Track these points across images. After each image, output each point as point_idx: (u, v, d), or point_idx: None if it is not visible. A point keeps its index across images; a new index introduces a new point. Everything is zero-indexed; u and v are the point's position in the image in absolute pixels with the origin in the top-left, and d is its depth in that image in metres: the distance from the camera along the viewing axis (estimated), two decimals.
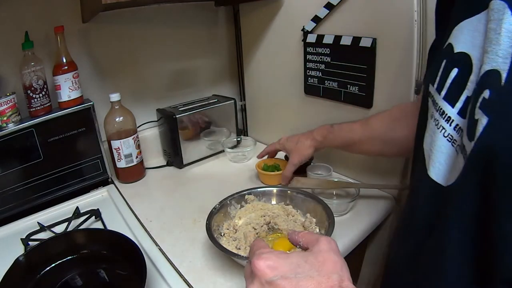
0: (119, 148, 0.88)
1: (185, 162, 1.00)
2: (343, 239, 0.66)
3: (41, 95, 0.76)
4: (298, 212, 0.71)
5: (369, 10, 0.71)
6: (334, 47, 0.79)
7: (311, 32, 0.83)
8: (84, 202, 0.85)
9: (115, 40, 0.93)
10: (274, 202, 0.74)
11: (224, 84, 1.20)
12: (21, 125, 0.74)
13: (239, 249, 0.61)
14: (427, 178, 0.36)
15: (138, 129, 0.96)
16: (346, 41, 0.76)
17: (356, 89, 0.78)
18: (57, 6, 0.81)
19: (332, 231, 0.59)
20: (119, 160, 0.90)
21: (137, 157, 0.92)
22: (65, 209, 0.82)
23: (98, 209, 0.80)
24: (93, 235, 0.65)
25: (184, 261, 0.63)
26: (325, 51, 0.82)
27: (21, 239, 0.70)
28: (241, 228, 0.68)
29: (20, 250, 0.68)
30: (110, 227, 0.74)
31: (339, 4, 0.75)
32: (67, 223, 0.75)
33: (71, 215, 0.77)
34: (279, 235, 0.66)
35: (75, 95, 0.81)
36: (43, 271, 0.59)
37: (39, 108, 0.77)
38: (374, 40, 0.71)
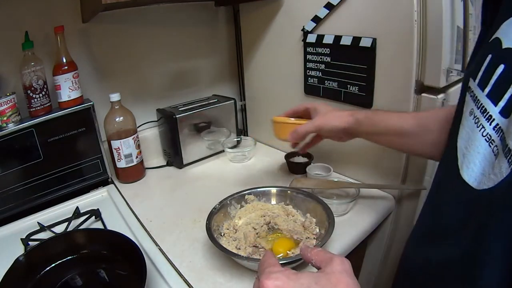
0: (119, 148, 0.88)
1: (185, 162, 1.00)
2: (343, 239, 0.66)
3: (41, 95, 0.76)
4: (298, 212, 0.71)
5: (369, 10, 0.71)
6: (334, 47, 0.79)
7: (311, 32, 0.83)
8: (84, 202, 0.85)
9: (115, 40, 0.93)
10: (274, 202, 0.74)
11: (224, 84, 1.20)
12: (21, 125, 0.74)
13: (239, 249, 0.61)
14: (458, 179, 0.34)
15: (138, 129, 0.96)
16: (346, 41, 0.76)
17: (356, 89, 0.78)
18: (57, 6, 0.81)
19: (332, 231, 0.59)
20: (119, 160, 0.90)
21: (137, 157, 0.92)
22: (65, 209, 0.82)
23: (98, 209, 0.80)
24: (93, 235, 0.65)
25: (184, 261, 0.63)
26: (325, 51, 0.82)
27: (21, 239, 0.70)
28: (241, 228, 0.68)
29: (20, 250, 0.68)
30: (110, 227, 0.74)
31: (339, 4, 0.75)
32: (67, 223, 0.75)
33: (71, 215, 0.77)
34: (279, 235, 0.66)
35: (75, 95, 0.81)
36: (43, 271, 0.59)
37: (39, 108, 0.77)
38: (374, 40, 0.71)
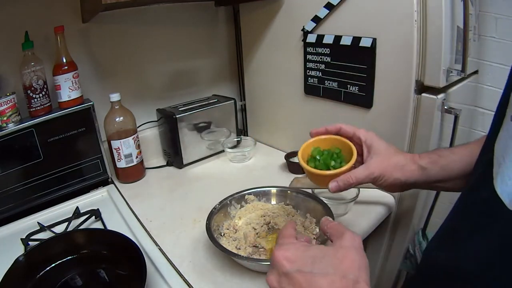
0: (119, 148, 0.88)
1: (185, 162, 1.00)
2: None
3: (41, 95, 0.76)
4: (298, 212, 0.71)
5: (369, 10, 0.71)
6: (334, 47, 0.79)
7: (311, 32, 0.83)
8: (84, 202, 0.85)
9: (115, 40, 0.93)
10: (274, 202, 0.74)
11: (224, 84, 1.20)
12: (21, 125, 0.74)
13: (239, 249, 0.61)
14: (490, 190, 0.30)
15: (138, 129, 0.96)
16: (346, 41, 0.76)
17: (356, 89, 0.78)
18: (57, 6, 0.81)
19: None
20: (119, 160, 0.90)
21: (137, 157, 0.92)
22: (65, 209, 0.82)
23: (98, 209, 0.80)
24: (93, 235, 0.65)
25: (184, 261, 0.63)
26: (325, 51, 0.82)
27: (21, 239, 0.70)
28: (241, 228, 0.68)
29: (20, 250, 0.68)
30: (110, 227, 0.74)
31: (339, 4, 0.75)
32: (67, 223, 0.75)
33: (71, 215, 0.77)
34: None
35: (75, 95, 0.81)
36: (43, 271, 0.59)
37: (39, 108, 0.77)
38: (374, 40, 0.71)
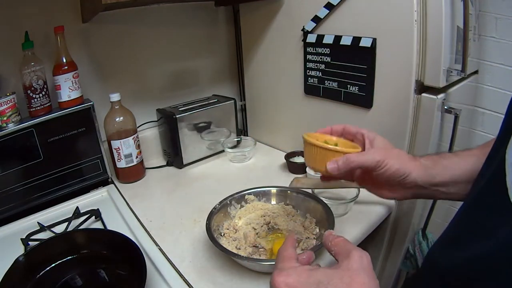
0: (119, 148, 0.88)
1: (185, 162, 1.00)
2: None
3: (41, 95, 0.76)
4: (298, 212, 0.71)
5: (369, 10, 0.71)
6: (334, 47, 0.79)
7: (311, 32, 0.83)
8: (84, 202, 0.85)
9: (115, 40, 0.93)
10: (274, 202, 0.74)
11: (224, 84, 1.20)
12: (21, 125, 0.74)
13: (239, 249, 0.62)
14: (504, 199, 0.29)
15: (138, 129, 0.95)
16: (346, 41, 0.76)
17: (356, 89, 0.78)
18: (57, 6, 0.81)
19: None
20: (119, 160, 0.90)
21: (137, 157, 0.92)
22: (65, 209, 0.82)
23: (98, 209, 0.80)
24: (93, 235, 0.65)
25: (184, 261, 0.63)
26: (325, 51, 0.82)
27: (21, 239, 0.70)
28: (241, 228, 0.68)
29: (20, 250, 0.68)
30: (110, 227, 0.74)
31: (339, 4, 0.75)
32: (67, 223, 0.75)
33: (71, 215, 0.77)
34: (279, 235, 0.66)
35: (75, 95, 0.81)
36: (43, 271, 0.59)
37: (39, 108, 0.77)
38: (374, 40, 0.71)
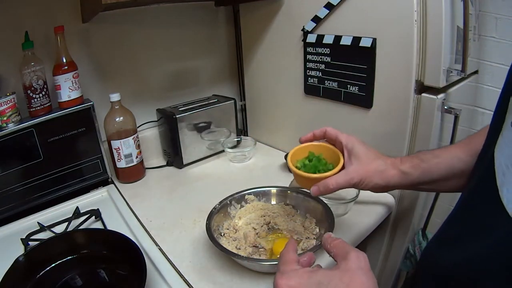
0: (119, 148, 0.88)
1: (185, 162, 1.00)
2: (343, 239, 0.66)
3: (41, 95, 0.76)
4: (298, 212, 0.71)
5: (369, 10, 0.71)
6: (334, 47, 0.79)
7: (311, 32, 0.83)
8: (84, 202, 0.85)
9: (115, 40, 0.93)
10: (274, 202, 0.74)
11: (224, 84, 1.20)
12: (21, 125, 0.74)
13: (239, 249, 0.62)
14: (496, 201, 0.29)
15: (138, 129, 0.96)
16: (346, 41, 0.76)
17: (356, 89, 0.78)
18: (57, 6, 0.81)
19: (332, 231, 0.59)
20: (119, 160, 0.90)
21: (137, 157, 0.92)
22: (65, 209, 0.82)
23: (98, 209, 0.80)
24: (93, 235, 0.65)
25: (184, 261, 0.63)
26: (325, 51, 0.82)
27: (21, 239, 0.70)
28: (241, 228, 0.68)
29: (20, 250, 0.68)
30: (110, 227, 0.74)
31: (339, 4, 0.75)
32: (67, 223, 0.75)
33: (71, 215, 0.77)
34: (279, 235, 0.66)
35: (75, 95, 0.81)
36: (43, 271, 0.59)
37: (39, 108, 0.77)
38: (374, 40, 0.71)
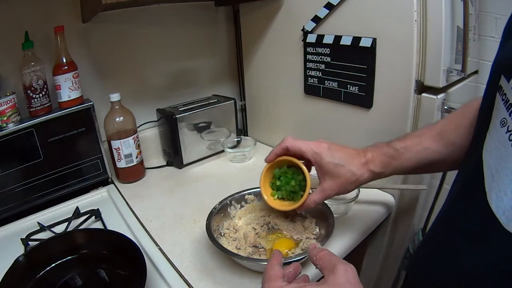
0: (119, 148, 0.88)
1: (185, 162, 1.00)
2: (343, 239, 0.66)
3: (41, 95, 0.76)
4: (298, 212, 0.71)
5: (369, 10, 0.71)
6: (334, 47, 0.79)
7: (311, 32, 0.83)
8: (84, 202, 0.85)
9: (115, 40, 0.93)
10: None
11: (224, 84, 1.20)
12: (21, 125, 0.74)
13: (239, 249, 0.62)
14: (484, 205, 0.28)
15: (138, 129, 0.96)
16: (346, 41, 0.76)
17: (356, 89, 0.78)
18: (57, 6, 0.81)
19: (332, 231, 0.59)
20: (119, 160, 0.90)
21: (137, 157, 0.92)
22: (65, 209, 0.82)
23: (98, 209, 0.80)
24: (93, 235, 0.65)
25: (184, 261, 0.63)
26: (325, 51, 0.82)
27: (21, 239, 0.70)
28: (241, 228, 0.68)
29: (20, 250, 0.68)
30: (110, 227, 0.74)
31: (339, 4, 0.75)
32: (67, 223, 0.75)
33: (71, 215, 0.77)
34: (279, 235, 0.66)
35: (75, 95, 0.81)
36: (43, 271, 0.59)
37: (39, 108, 0.77)
38: (374, 40, 0.71)
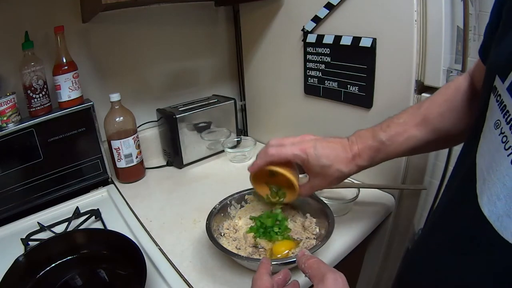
0: (119, 148, 0.88)
1: (185, 162, 1.00)
2: (343, 239, 0.66)
3: (41, 95, 0.76)
4: (298, 212, 0.71)
5: (369, 10, 0.71)
6: (334, 47, 0.79)
7: (311, 32, 0.83)
8: (84, 202, 0.85)
9: (115, 40, 0.93)
10: None
11: (224, 84, 1.20)
12: (21, 125, 0.74)
13: (239, 249, 0.61)
14: (476, 209, 0.28)
15: (138, 129, 0.96)
16: (346, 41, 0.76)
17: (356, 89, 0.78)
18: (57, 6, 0.81)
19: (332, 231, 0.59)
20: (119, 160, 0.90)
21: (137, 157, 0.92)
22: (65, 209, 0.82)
23: (98, 209, 0.80)
24: (93, 235, 0.65)
25: (184, 261, 0.63)
26: (325, 51, 0.82)
27: (21, 239, 0.70)
28: (241, 228, 0.68)
29: (20, 250, 0.68)
30: (110, 227, 0.74)
31: (339, 4, 0.75)
32: (67, 223, 0.75)
33: (71, 215, 0.77)
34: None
35: (75, 95, 0.81)
36: (43, 271, 0.59)
37: (39, 108, 0.77)
38: (374, 40, 0.71)
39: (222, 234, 0.65)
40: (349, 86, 0.79)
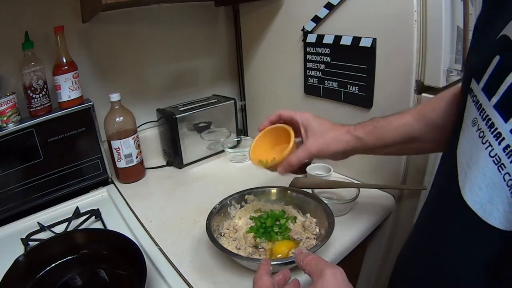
0: (119, 148, 0.88)
1: (185, 162, 1.00)
2: (343, 239, 0.66)
3: (41, 95, 0.76)
4: (298, 212, 0.71)
5: (369, 10, 0.71)
6: (334, 47, 0.79)
7: (311, 32, 0.83)
8: (84, 202, 0.85)
9: (115, 40, 0.93)
10: (274, 202, 0.74)
11: (224, 84, 1.20)
12: (21, 125, 0.74)
13: (239, 249, 0.62)
14: (459, 200, 0.30)
15: (138, 129, 0.96)
16: (346, 41, 0.76)
17: (356, 89, 0.78)
18: (57, 6, 0.81)
19: (332, 231, 0.59)
20: (119, 160, 0.90)
21: (137, 157, 0.92)
22: (65, 209, 0.82)
23: (98, 209, 0.80)
24: (93, 235, 0.65)
25: (184, 261, 0.63)
26: (325, 51, 0.82)
27: (21, 239, 0.70)
28: (241, 228, 0.68)
29: (20, 250, 0.68)
30: (110, 227, 0.74)
31: (339, 4, 0.75)
32: (67, 223, 0.75)
33: (71, 215, 0.77)
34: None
35: (75, 95, 0.81)
36: (43, 271, 0.59)
37: (39, 108, 0.77)
38: (374, 40, 0.71)
39: (222, 234, 0.65)
40: (349, 86, 0.79)
